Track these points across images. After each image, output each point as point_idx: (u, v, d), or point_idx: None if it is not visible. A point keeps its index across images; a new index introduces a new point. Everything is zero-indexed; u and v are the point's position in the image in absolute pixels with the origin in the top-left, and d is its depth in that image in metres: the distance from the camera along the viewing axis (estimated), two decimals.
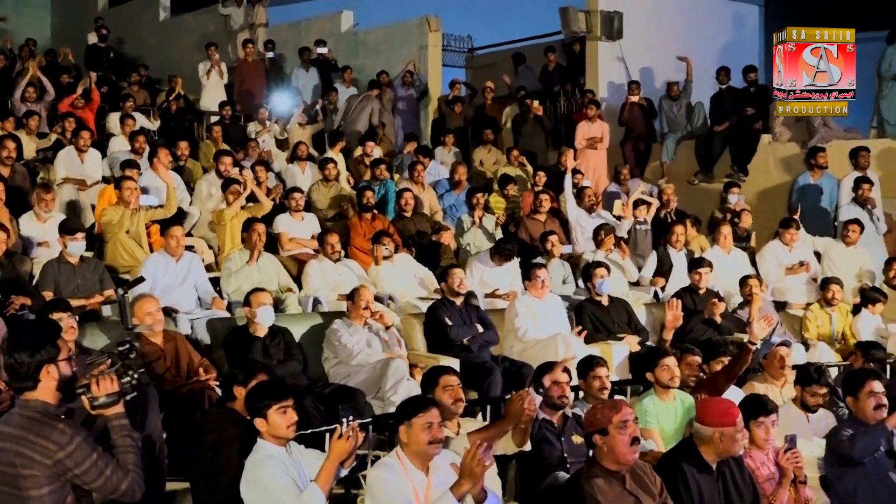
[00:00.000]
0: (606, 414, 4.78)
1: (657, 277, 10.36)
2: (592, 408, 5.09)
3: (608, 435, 4.72)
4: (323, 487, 4.72)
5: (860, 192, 11.29)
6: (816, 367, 6.99)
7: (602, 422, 4.76)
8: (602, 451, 4.76)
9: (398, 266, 9.65)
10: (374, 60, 17.40)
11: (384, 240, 9.58)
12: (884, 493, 5.58)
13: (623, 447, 4.71)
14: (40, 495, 3.77)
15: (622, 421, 4.74)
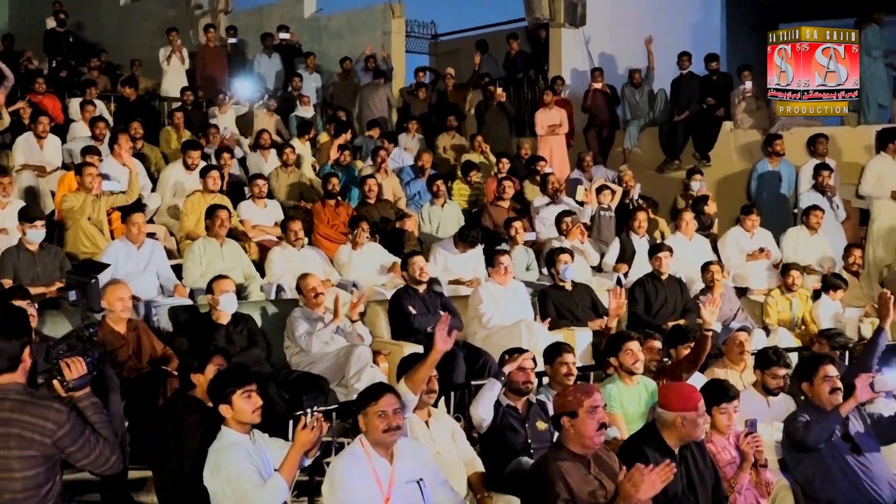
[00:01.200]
0: (578, 397, 4.80)
1: (620, 263, 10.41)
2: (564, 390, 5.11)
3: (577, 418, 4.75)
4: (286, 477, 4.72)
5: (820, 179, 11.42)
6: (775, 350, 7.07)
7: (573, 404, 4.78)
8: (569, 434, 4.79)
9: (366, 253, 9.63)
10: (337, 46, 17.32)
11: (362, 224, 9.59)
12: (841, 477, 5.65)
13: (590, 431, 4.74)
14: (35, 475, 3.78)
15: (593, 406, 4.77)
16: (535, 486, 4.72)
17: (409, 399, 5.44)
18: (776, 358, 6.82)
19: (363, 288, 9.07)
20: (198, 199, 9.88)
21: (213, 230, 8.88)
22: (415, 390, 5.53)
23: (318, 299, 7.73)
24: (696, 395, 5.30)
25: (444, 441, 5.74)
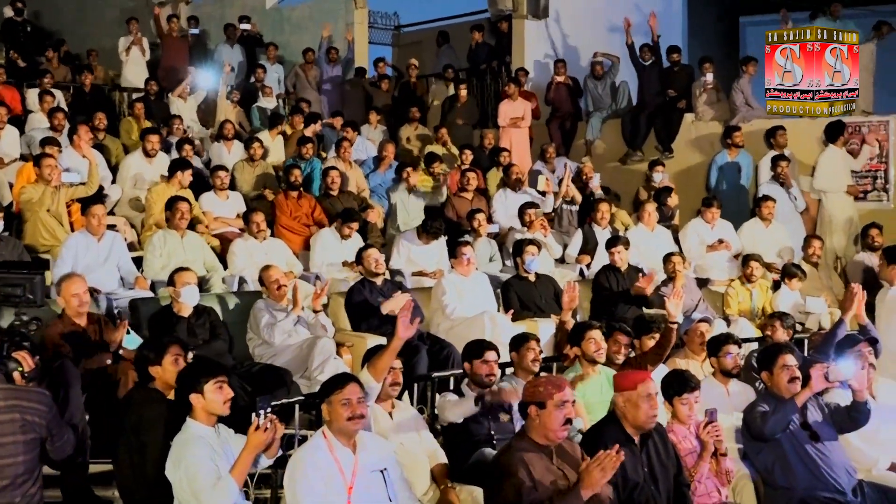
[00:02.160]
0: (549, 389, 4.82)
1: (583, 255, 10.47)
2: (536, 379, 5.11)
3: (545, 409, 4.77)
4: (238, 479, 4.73)
5: (778, 170, 11.54)
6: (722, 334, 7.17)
7: (543, 395, 4.80)
8: (534, 424, 4.81)
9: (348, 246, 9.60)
10: (299, 37, 17.21)
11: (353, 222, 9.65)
12: (799, 465, 5.72)
13: (556, 425, 4.76)
14: (33, 458, 3.81)
15: (562, 400, 4.79)
16: (497, 475, 4.74)
17: (371, 387, 5.45)
18: (725, 338, 6.92)
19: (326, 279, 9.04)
20: (162, 189, 9.81)
21: (173, 222, 8.82)
22: (377, 378, 5.54)
23: (281, 291, 7.71)
24: (638, 375, 5.36)
25: (407, 433, 5.75)
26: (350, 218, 9.59)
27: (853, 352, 6.34)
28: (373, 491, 4.85)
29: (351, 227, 9.52)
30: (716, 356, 6.90)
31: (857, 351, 6.39)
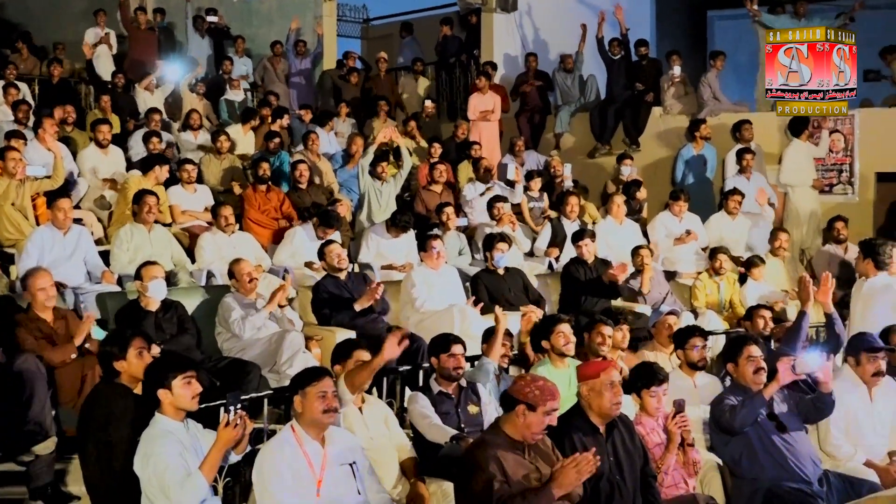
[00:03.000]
0: (543, 396, 4.77)
1: (551, 248, 10.50)
2: (533, 378, 5.02)
3: (534, 412, 4.75)
4: (207, 476, 4.71)
5: (744, 164, 11.63)
6: (687, 326, 7.23)
7: (536, 399, 4.75)
8: (517, 421, 4.78)
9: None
10: (267, 30, 17.12)
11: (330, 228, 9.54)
12: (766, 456, 5.76)
13: (538, 428, 4.77)
14: None
15: (552, 409, 4.79)
16: (468, 469, 4.74)
17: (346, 398, 5.45)
18: (691, 330, 6.97)
19: (294, 273, 9.02)
20: (136, 183, 9.72)
21: (140, 216, 8.76)
22: (352, 391, 5.55)
23: (252, 284, 7.68)
24: (599, 364, 5.40)
25: (377, 427, 5.74)
26: (328, 224, 9.46)
27: (868, 355, 6.38)
28: (342, 484, 4.85)
29: (327, 232, 9.41)
30: (682, 349, 6.95)
31: (872, 356, 6.40)
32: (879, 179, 12.40)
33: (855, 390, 6.41)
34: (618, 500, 5.16)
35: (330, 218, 9.49)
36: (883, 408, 6.52)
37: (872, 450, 6.36)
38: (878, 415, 6.47)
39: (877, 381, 6.45)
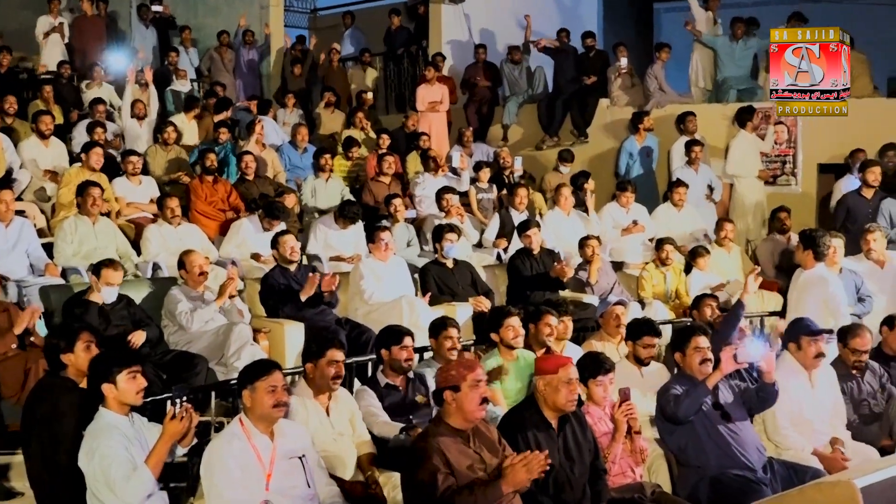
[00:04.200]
0: (461, 371, 4.84)
1: (500, 239, 10.52)
2: (447, 364, 5.14)
3: (460, 392, 4.78)
4: (153, 469, 4.68)
5: (693, 155, 11.75)
6: (645, 320, 7.29)
7: (456, 378, 4.81)
8: (450, 408, 4.82)
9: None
10: (213, 20, 16.97)
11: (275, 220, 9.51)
12: (711, 445, 5.82)
13: (472, 405, 4.78)
14: None
15: (476, 380, 4.81)
16: (413, 460, 4.75)
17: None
18: (646, 327, 7.02)
19: (241, 265, 8.97)
20: (76, 173, 9.61)
21: (85, 208, 8.64)
22: (316, 392, 5.60)
23: (202, 277, 7.61)
24: (559, 360, 5.43)
25: (343, 425, 5.74)
26: (273, 215, 9.41)
27: (808, 339, 6.46)
28: (291, 478, 4.83)
29: (272, 223, 9.36)
30: (633, 342, 6.99)
31: (811, 340, 6.48)
32: (822, 171, 12.58)
33: (796, 377, 6.50)
34: (568, 493, 5.20)
35: (275, 209, 9.44)
36: (823, 394, 6.63)
37: (818, 437, 6.47)
38: (819, 401, 6.58)
39: (818, 363, 6.56)
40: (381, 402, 6.05)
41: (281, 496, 4.75)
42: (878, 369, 7.15)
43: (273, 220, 9.31)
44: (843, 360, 7.08)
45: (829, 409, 6.64)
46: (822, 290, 7.54)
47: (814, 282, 7.60)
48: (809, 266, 7.66)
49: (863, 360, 7.07)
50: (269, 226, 9.29)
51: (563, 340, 7.20)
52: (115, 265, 7.23)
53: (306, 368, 5.78)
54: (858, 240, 8.93)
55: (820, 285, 7.56)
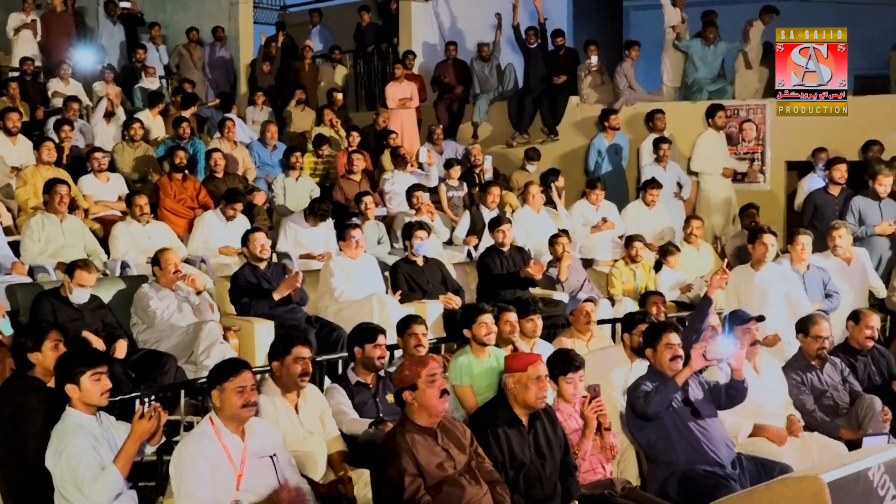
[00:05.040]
0: (415, 369, 4.86)
1: (470, 236, 10.53)
2: (400, 366, 5.16)
3: (418, 390, 4.81)
4: (122, 469, 4.65)
5: (661, 153, 11.81)
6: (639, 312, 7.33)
7: (411, 377, 4.84)
8: (413, 407, 4.84)
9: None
10: (182, 16, 16.86)
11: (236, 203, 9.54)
12: (681, 441, 5.86)
13: (433, 400, 4.81)
14: None
15: (430, 375, 4.84)
16: (382, 459, 4.76)
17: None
18: (641, 316, 7.04)
19: (212, 263, 8.93)
20: (31, 172, 9.53)
21: (52, 206, 8.57)
22: (284, 391, 5.61)
23: (176, 276, 7.55)
24: (527, 357, 5.47)
25: (312, 423, 5.73)
26: (233, 199, 9.44)
27: (742, 328, 6.53)
28: (262, 477, 4.82)
29: (235, 208, 9.38)
30: (629, 333, 6.83)
31: (745, 328, 6.58)
32: (790, 168, 12.69)
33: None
34: (538, 489, 5.23)
35: (236, 194, 9.43)
36: (770, 381, 6.73)
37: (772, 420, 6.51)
38: (767, 387, 6.66)
39: (755, 350, 6.68)
40: (351, 400, 6.04)
41: (252, 495, 4.74)
42: (838, 363, 7.25)
43: (234, 205, 9.38)
44: (805, 351, 7.18)
45: (780, 395, 6.75)
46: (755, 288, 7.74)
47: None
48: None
49: (826, 346, 7.18)
50: (233, 212, 9.30)
51: (533, 338, 7.21)
52: (89, 266, 7.17)
53: (273, 367, 5.76)
54: (826, 237, 9.01)
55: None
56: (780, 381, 6.87)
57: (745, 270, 8.23)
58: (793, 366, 7.11)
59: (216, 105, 13.82)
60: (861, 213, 9.52)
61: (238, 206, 9.41)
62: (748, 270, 8.19)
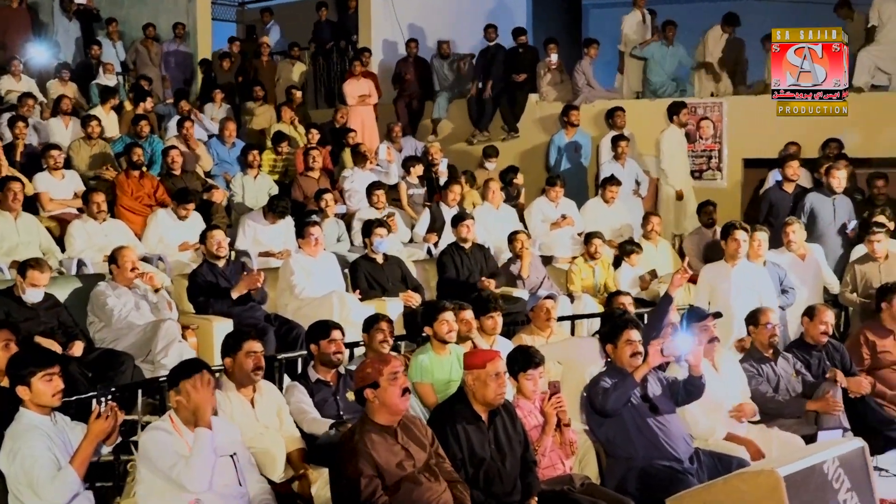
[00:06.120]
0: (377, 367, 4.86)
1: (430, 234, 10.53)
2: (362, 363, 5.16)
3: (380, 388, 4.81)
4: (78, 469, 4.61)
5: (619, 150, 11.87)
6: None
7: (373, 375, 4.83)
8: (374, 406, 4.84)
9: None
10: (139, 12, 16.72)
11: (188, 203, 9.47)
12: (640, 437, 5.89)
13: (395, 398, 4.81)
14: None
15: (392, 373, 4.84)
16: (341, 460, 4.75)
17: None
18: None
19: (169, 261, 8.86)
20: None
21: (5, 204, 8.47)
22: (238, 386, 5.58)
23: (133, 274, 7.47)
24: (486, 354, 5.48)
25: (268, 418, 5.71)
26: (185, 199, 9.37)
27: (699, 325, 6.58)
28: (222, 476, 4.80)
29: (186, 208, 9.31)
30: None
31: (703, 325, 6.63)
32: (746, 165, 12.80)
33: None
34: (498, 485, 5.24)
35: (187, 193, 9.37)
36: (729, 379, 6.79)
37: (732, 423, 6.59)
38: (727, 385, 6.72)
39: (713, 347, 6.72)
40: (312, 398, 6.02)
41: (212, 494, 4.71)
42: (790, 358, 7.36)
43: (186, 205, 9.32)
44: (758, 342, 7.29)
45: (738, 394, 6.79)
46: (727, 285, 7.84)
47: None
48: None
49: (776, 334, 7.29)
50: (185, 212, 9.25)
51: (493, 335, 7.23)
52: (42, 266, 7.06)
53: (225, 364, 5.75)
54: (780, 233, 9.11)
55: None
56: (739, 377, 6.94)
57: (720, 267, 8.29)
58: (747, 359, 7.20)
59: (172, 102, 13.70)
60: (813, 210, 9.61)
61: (190, 206, 9.33)
62: (723, 267, 8.25)
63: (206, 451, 4.64)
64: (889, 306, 7.85)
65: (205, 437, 4.66)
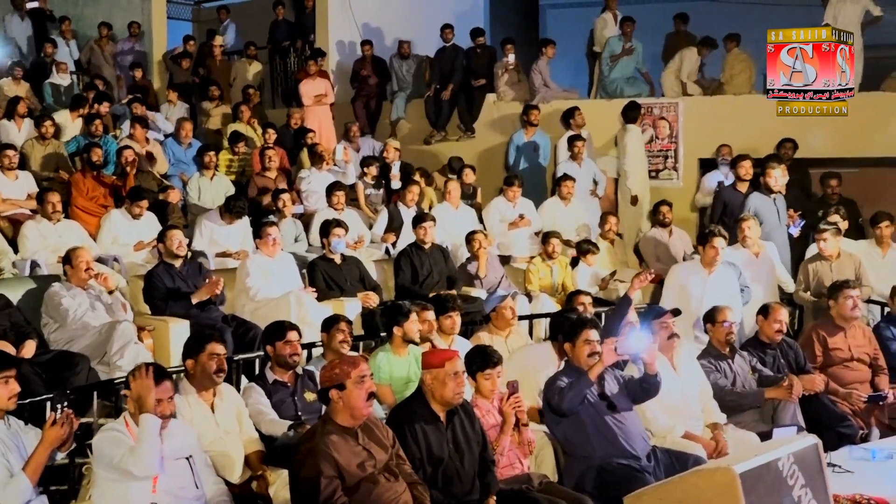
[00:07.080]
0: (345, 369, 4.84)
1: (388, 234, 10.53)
2: (330, 363, 5.14)
3: (346, 390, 4.80)
4: (31, 476, 4.57)
5: (575, 150, 11.92)
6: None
7: (340, 377, 4.82)
8: (337, 407, 4.82)
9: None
10: (93, 10, 16.55)
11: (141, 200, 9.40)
12: (597, 435, 5.92)
13: (359, 402, 4.80)
14: None
15: (360, 376, 4.83)
16: (300, 461, 4.73)
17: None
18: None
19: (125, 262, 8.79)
20: None
21: None
22: (199, 389, 5.55)
23: (88, 274, 7.40)
24: (444, 353, 5.50)
25: (229, 423, 5.67)
26: (138, 197, 9.31)
27: (658, 322, 6.64)
28: (179, 479, 4.79)
29: (140, 205, 9.25)
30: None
31: (662, 322, 6.68)
32: (702, 165, 12.91)
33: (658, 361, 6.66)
34: (457, 485, 5.25)
35: (141, 191, 9.31)
36: (688, 378, 6.82)
37: (691, 421, 6.64)
38: (684, 385, 6.76)
39: (672, 344, 6.76)
40: (270, 399, 6.00)
41: (168, 497, 4.69)
42: (746, 356, 7.43)
43: (139, 203, 9.28)
44: (715, 340, 7.35)
45: (696, 393, 6.83)
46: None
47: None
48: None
49: (734, 331, 7.36)
50: (139, 210, 9.24)
51: (451, 335, 7.24)
52: None
53: (186, 366, 5.70)
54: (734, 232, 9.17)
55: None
56: (698, 374, 6.98)
57: (695, 272, 8.34)
58: (705, 356, 7.25)
59: (128, 102, 13.57)
60: (757, 211, 9.71)
61: (143, 204, 9.28)
62: (699, 272, 8.29)
63: (151, 437, 4.61)
64: (837, 304, 7.95)
65: (148, 422, 4.63)
